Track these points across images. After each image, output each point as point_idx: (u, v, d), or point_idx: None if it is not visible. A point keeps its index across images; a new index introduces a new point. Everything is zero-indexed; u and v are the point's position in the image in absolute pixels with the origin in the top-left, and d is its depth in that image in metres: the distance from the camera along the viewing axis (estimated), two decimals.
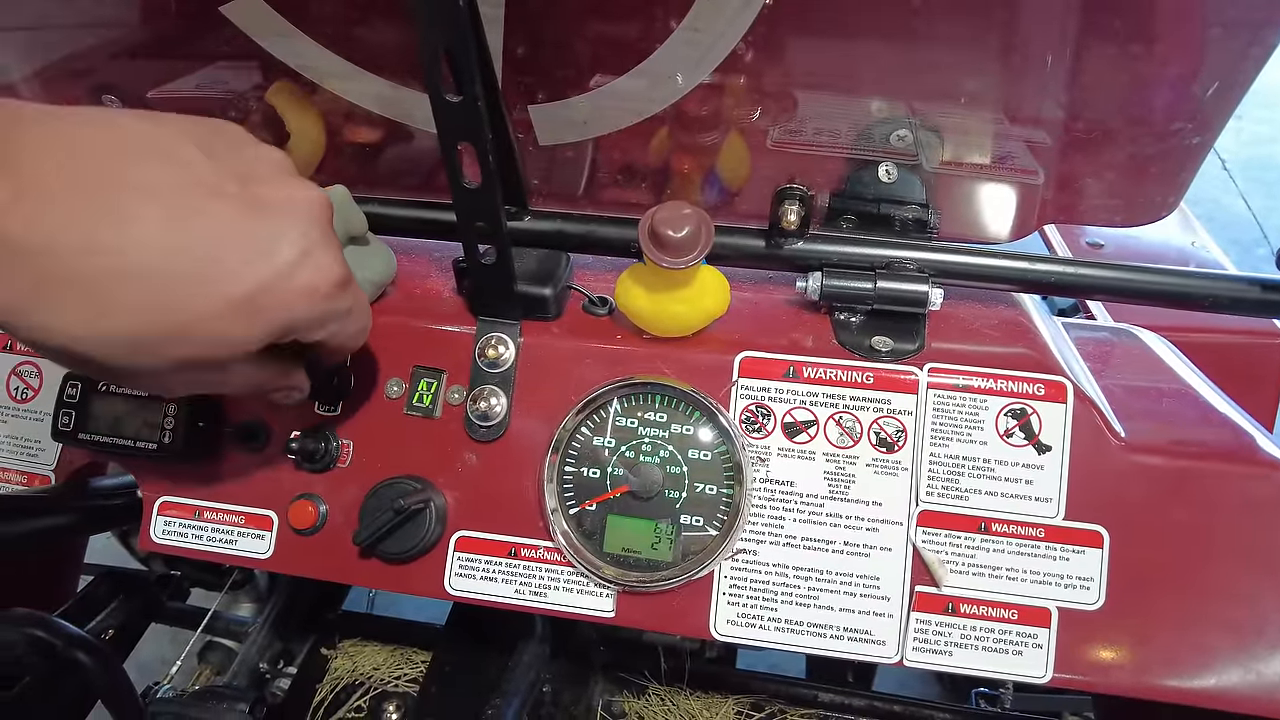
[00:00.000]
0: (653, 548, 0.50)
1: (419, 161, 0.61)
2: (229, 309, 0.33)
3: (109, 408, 0.53)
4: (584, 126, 0.54)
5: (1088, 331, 0.64)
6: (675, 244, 0.46)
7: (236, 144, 0.37)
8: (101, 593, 0.85)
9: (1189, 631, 0.48)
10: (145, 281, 0.31)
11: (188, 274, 0.32)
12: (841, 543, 0.50)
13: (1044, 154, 0.52)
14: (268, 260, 0.34)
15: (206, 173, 0.33)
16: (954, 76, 0.49)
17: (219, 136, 0.36)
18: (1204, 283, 0.53)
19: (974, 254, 0.53)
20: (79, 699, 0.71)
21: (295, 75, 0.56)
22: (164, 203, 0.31)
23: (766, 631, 0.50)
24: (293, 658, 0.84)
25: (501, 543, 0.52)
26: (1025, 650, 0.48)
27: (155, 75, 0.60)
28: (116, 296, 0.31)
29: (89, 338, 0.31)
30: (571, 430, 0.51)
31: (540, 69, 0.51)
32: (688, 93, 0.51)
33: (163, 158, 0.33)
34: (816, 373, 0.51)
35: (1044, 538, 0.49)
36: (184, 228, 0.32)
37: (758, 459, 0.51)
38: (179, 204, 0.32)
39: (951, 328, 0.53)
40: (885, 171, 0.54)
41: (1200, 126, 0.47)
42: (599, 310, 0.56)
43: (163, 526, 0.55)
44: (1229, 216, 3.23)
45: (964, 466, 0.50)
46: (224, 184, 0.34)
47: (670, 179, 0.57)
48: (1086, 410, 0.49)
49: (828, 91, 0.51)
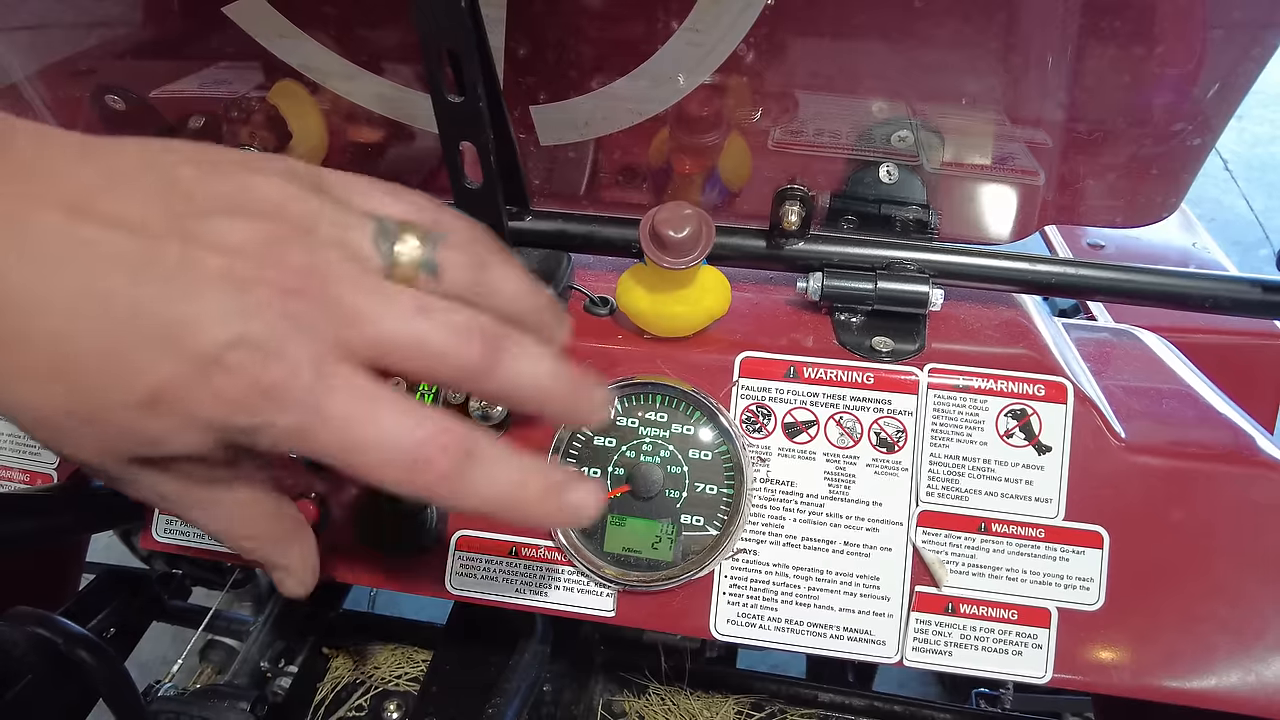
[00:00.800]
0: (653, 547, 0.50)
1: (421, 162, 0.61)
2: (132, 402, 0.27)
3: None
4: (585, 127, 0.55)
5: (1088, 332, 0.65)
6: (676, 244, 0.46)
7: (219, 181, 0.30)
8: (103, 591, 0.86)
9: (1189, 632, 0.48)
10: (47, 354, 0.27)
11: (91, 354, 0.27)
12: (841, 543, 0.50)
13: (1045, 155, 0.52)
14: (172, 349, 0.27)
15: (151, 233, 0.27)
16: (955, 77, 0.49)
17: (212, 170, 0.30)
18: (1204, 284, 0.53)
19: (974, 255, 0.53)
20: (80, 698, 0.71)
21: (297, 75, 0.56)
22: (82, 270, 0.27)
23: (767, 631, 0.50)
24: (294, 657, 0.84)
25: (502, 542, 0.52)
26: (1025, 650, 0.49)
27: (157, 75, 0.60)
28: (16, 365, 0.27)
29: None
30: (572, 430, 0.52)
31: (542, 70, 0.51)
32: (689, 93, 0.51)
33: (113, 212, 0.27)
34: (817, 373, 0.51)
35: (1044, 538, 0.49)
36: (96, 299, 0.27)
37: (758, 459, 0.51)
38: (98, 273, 0.27)
39: (952, 328, 0.54)
40: (886, 172, 0.54)
41: (1201, 127, 0.48)
42: (600, 310, 0.56)
43: (165, 525, 0.56)
44: (1230, 217, 3.23)
45: (964, 467, 0.50)
46: (163, 248, 0.27)
47: (671, 179, 0.57)
48: (1087, 411, 0.50)
49: (829, 92, 0.51)
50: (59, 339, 0.26)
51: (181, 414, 0.28)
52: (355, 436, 0.29)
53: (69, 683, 0.69)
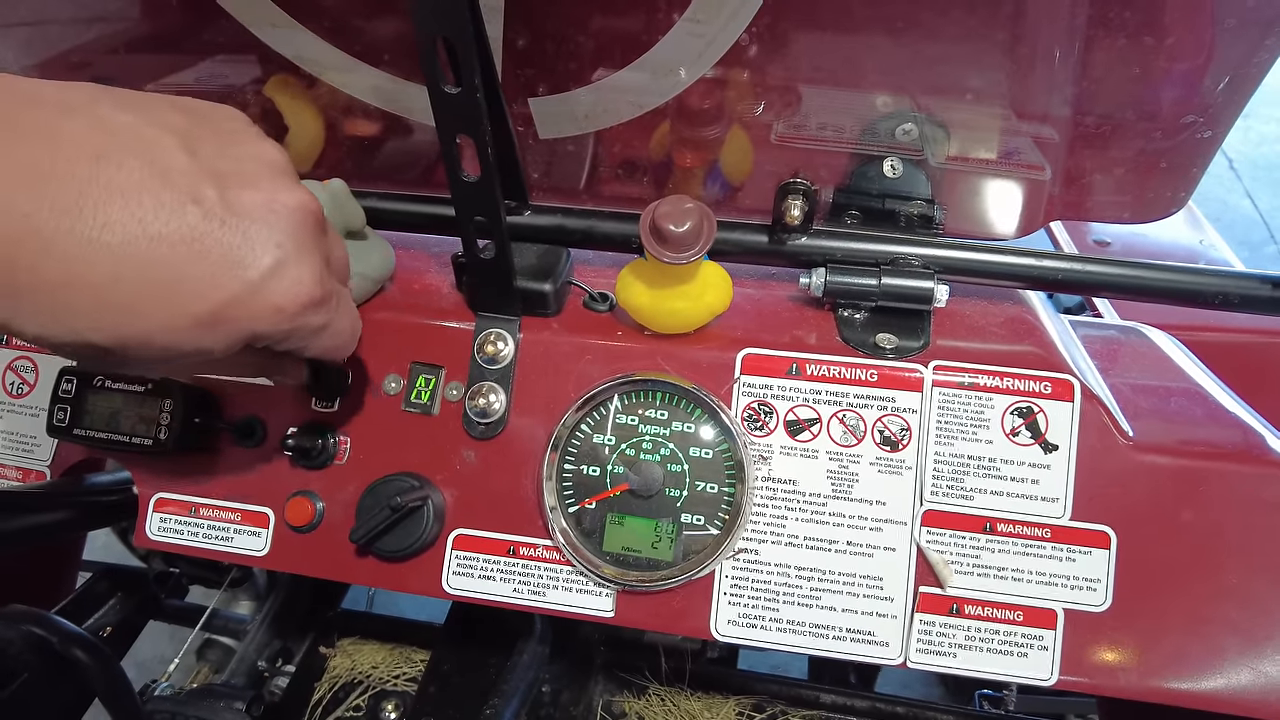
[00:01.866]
0: (653, 547, 0.50)
1: (419, 155, 0.60)
2: (191, 323, 0.32)
3: (104, 403, 0.53)
4: (585, 120, 0.54)
5: (1095, 329, 0.64)
6: (677, 239, 0.45)
7: (227, 137, 0.35)
8: (100, 590, 0.85)
9: (1196, 634, 0.47)
10: (105, 291, 0.30)
11: (149, 285, 0.31)
12: (844, 542, 0.49)
13: (1051, 149, 0.51)
14: (233, 275, 0.32)
15: (183, 175, 0.32)
16: (960, 70, 0.48)
17: (208, 127, 0.34)
18: (1213, 280, 0.52)
19: (980, 250, 0.53)
20: (77, 697, 0.71)
21: (293, 68, 0.55)
22: (132, 211, 0.30)
23: (768, 632, 0.49)
24: (291, 656, 0.84)
25: (500, 541, 0.51)
26: (1030, 652, 0.48)
27: (153, 69, 0.59)
28: (75, 303, 0.30)
29: (50, 337, 0.31)
30: (571, 427, 0.51)
31: (541, 61, 0.51)
32: (690, 86, 0.50)
33: (140, 158, 0.31)
34: (820, 370, 0.51)
35: (1050, 538, 0.48)
36: (149, 237, 0.30)
37: (760, 457, 0.50)
38: (147, 212, 0.30)
39: (957, 325, 0.53)
40: (890, 166, 0.53)
41: (1212, 120, 0.47)
42: (599, 306, 0.55)
43: (159, 523, 0.55)
44: (1236, 216, 3.22)
45: (969, 465, 0.49)
46: (200, 187, 0.32)
47: (672, 173, 0.57)
48: (1094, 409, 0.49)
49: (832, 85, 0.50)
50: (111, 281, 0.30)
51: (237, 327, 0.33)
52: (346, 328, 0.40)
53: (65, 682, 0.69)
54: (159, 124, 0.32)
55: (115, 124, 0.31)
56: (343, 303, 0.40)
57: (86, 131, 0.30)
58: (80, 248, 0.29)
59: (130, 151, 0.30)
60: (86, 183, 0.29)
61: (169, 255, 0.31)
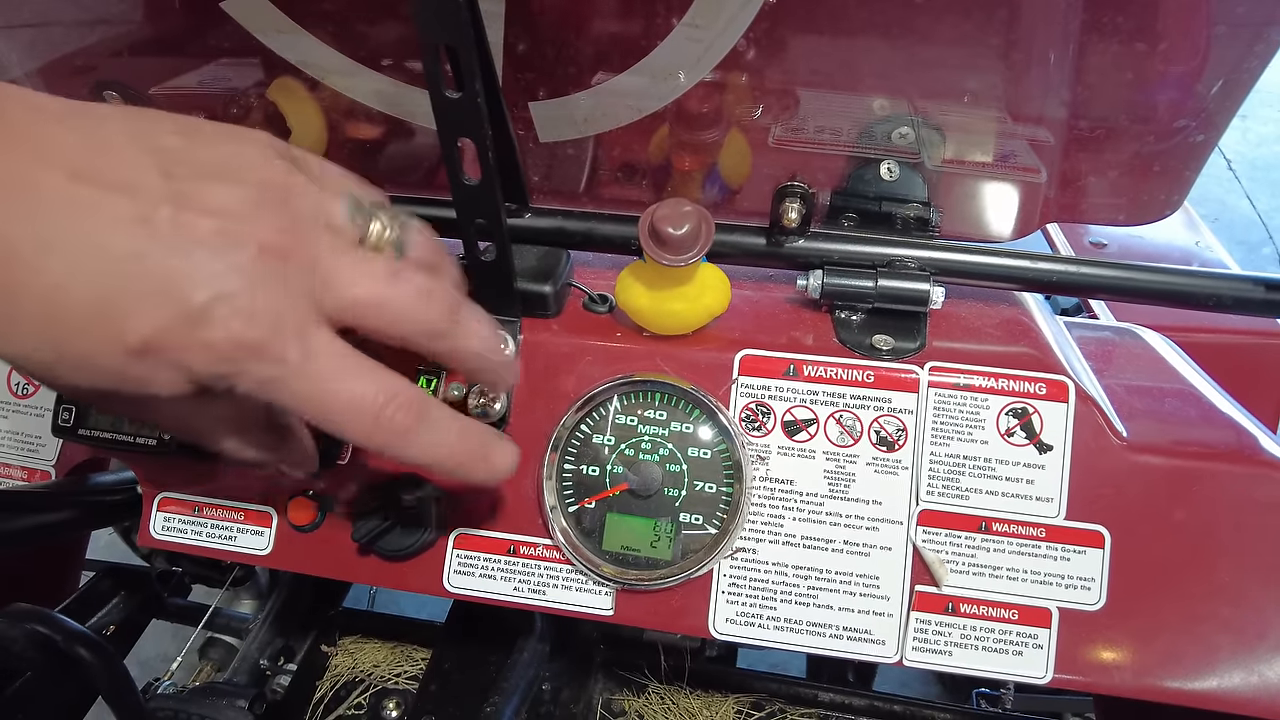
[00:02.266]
0: (652, 546, 0.50)
1: (420, 158, 0.60)
2: (124, 349, 0.30)
3: None
4: (584, 124, 0.54)
5: (1090, 331, 0.64)
6: (675, 241, 0.46)
7: (220, 165, 0.32)
8: (103, 589, 0.86)
9: (1191, 632, 0.47)
10: (50, 301, 0.29)
11: (90, 302, 0.29)
12: (841, 542, 0.50)
13: (1046, 152, 0.52)
14: (166, 301, 0.29)
15: (147, 195, 0.30)
16: (957, 74, 0.48)
17: (205, 151, 0.32)
18: (1208, 282, 0.52)
19: (976, 252, 0.53)
20: (80, 695, 0.71)
21: (296, 72, 0.56)
22: (88, 223, 0.29)
23: (766, 630, 0.50)
24: (293, 654, 0.84)
25: (500, 540, 0.52)
26: (1025, 650, 0.48)
27: (157, 72, 0.60)
28: (21, 310, 0.28)
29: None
30: (571, 428, 0.51)
31: (541, 66, 0.51)
32: (689, 90, 0.51)
33: (114, 175, 0.30)
34: (817, 371, 0.51)
35: (1045, 538, 0.49)
36: (98, 251, 0.29)
37: (757, 457, 0.51)
38: (102, 225, 0.29)
39: (953, 326, 0.53)
40: (887, 169, 0.54)
41: (1205, 124, 0.47)
42: (599, 308, 0.55)
43: (162, 523, 0.55)
44: (1234, 217, 3.22)
45: (965, 466, 0.49)
46: (156, 208, 0.30)
47: (671, 176, 0.57)
48: (1088, 410, 0.49)
49: (829, 89, 0.51)
50: (56, 291, 0.28)
51: (167, 361, 0.30)
52: (329, 391, 0.33)
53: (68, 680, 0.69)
54: (148, 145, 0.31)
55: (105, 140, 0.30)
56: (340, 374, 0.33)
57: (73, 144, 0.29)
58: (34, 254, 0.28)
59: (107, 168, 0.30)
60: (54, 193, 0.28)
61: (111, 272, 0.29)
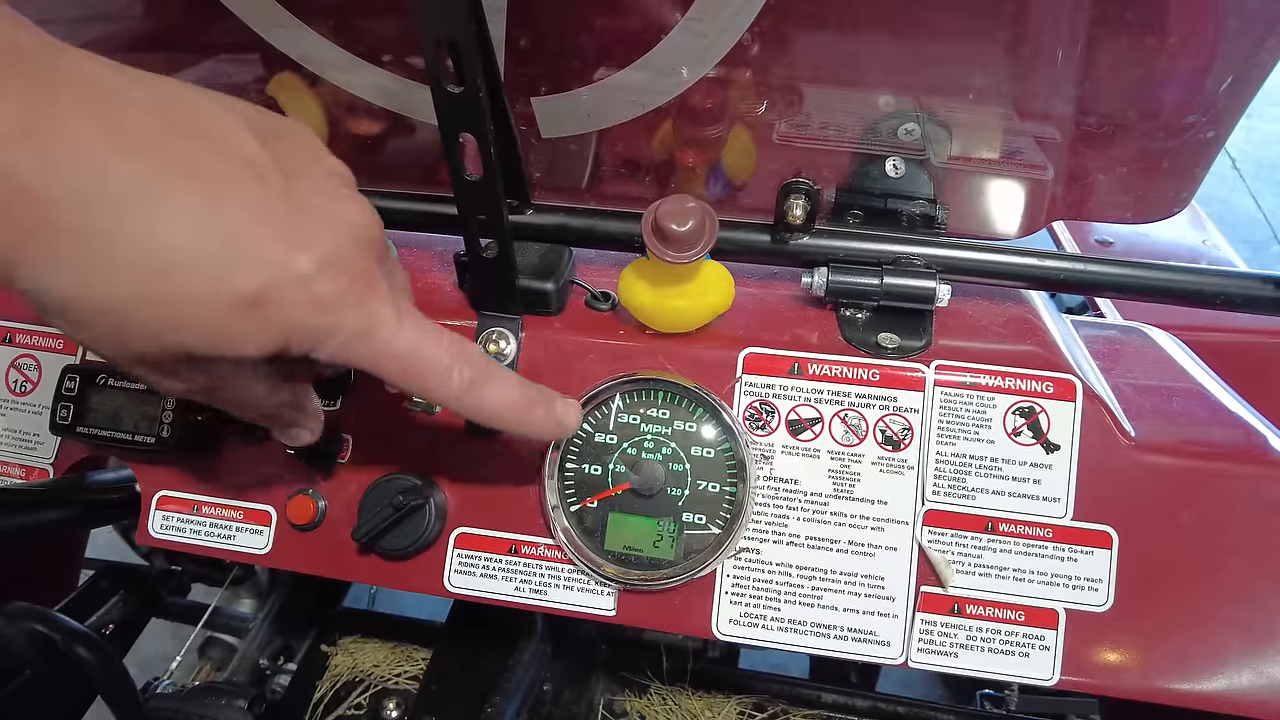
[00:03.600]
0: (654, 546, 0.50)
1: (422, 154, 0.60)
2: (231, 301, 0.30)
3: (107, 401, 0.53)
4: (587, 119, 0.54)
5: (1097, 330, 0.64)
6: (679, 238, 0.45)
7: (297, 145, 0.35)
8: (102, 588, 0.85)
9: (1199, 634, 0.47)
10: (150, 252, 0.29)
11: (198, 254, 0.29)
12: (846, 542, 0.49)
13: (1053, 149, 0.51)
14: (285, 259, 0.31)
15: (254, 159, 0.31)
16: (963, 70, 0.48)
17: (278, 129, 0.34)
18: (1215, 280, 0.52)
19: (982, 250, 0.53)
20: (78, 694, 0.71)
21: (296, 67, 0.55)
22: (198, 183, 0.29)
23: (769, 631, 0.49)
24: (293, 654, 0.84)
25: (501, 540, 0.51)
26: (1032, 652, 0.48)
27: (157, 67, 0.59)
28: (117, 259, 0.28)
29: (80, 299, 0.29)
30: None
31: (543, 61, 0.51)
32: (692, 85, 0.50)
33: (212, 138, 0.31)
34: (822, 369, 0.51)
35: (1052, 538, 0.48)
36: (209, 206, 0.29)
37: (761, 456, 0.50)
38: (213, 185, 0.30)
39: (959, 325, 0.53)
40: (893, 166, 0.53)
41: (1213, 121, 0.47)
42: (601, 305, 0.55)
43: (161, 521, 0.55)
44: (1239, 216, 3.21)
45: (971, 465, 0.49)
46: (268, 174, 0.31)
47: (675, 173, 0.57)
48: (1096, 409, 0.49)
49: (834, 85, 0.50)
50: (165, 240, 0.29)
51: (273, 315, 0.32)
52: (414, 349, 0.37)
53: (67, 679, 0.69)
54: (232, 114, 0.32)
55: (187, 104, 0.31)
56: (404, 324, 0.37)
57: (157, 104, 0.30)
58: (142, 203, 0.28)
59: (202, 132, 0.30)
60: (152, 150, 0.29)
61: (227, 225, 0.30)
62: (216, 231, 0.30)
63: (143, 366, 0.34)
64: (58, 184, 0.27)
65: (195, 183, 0.29)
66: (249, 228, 0.30)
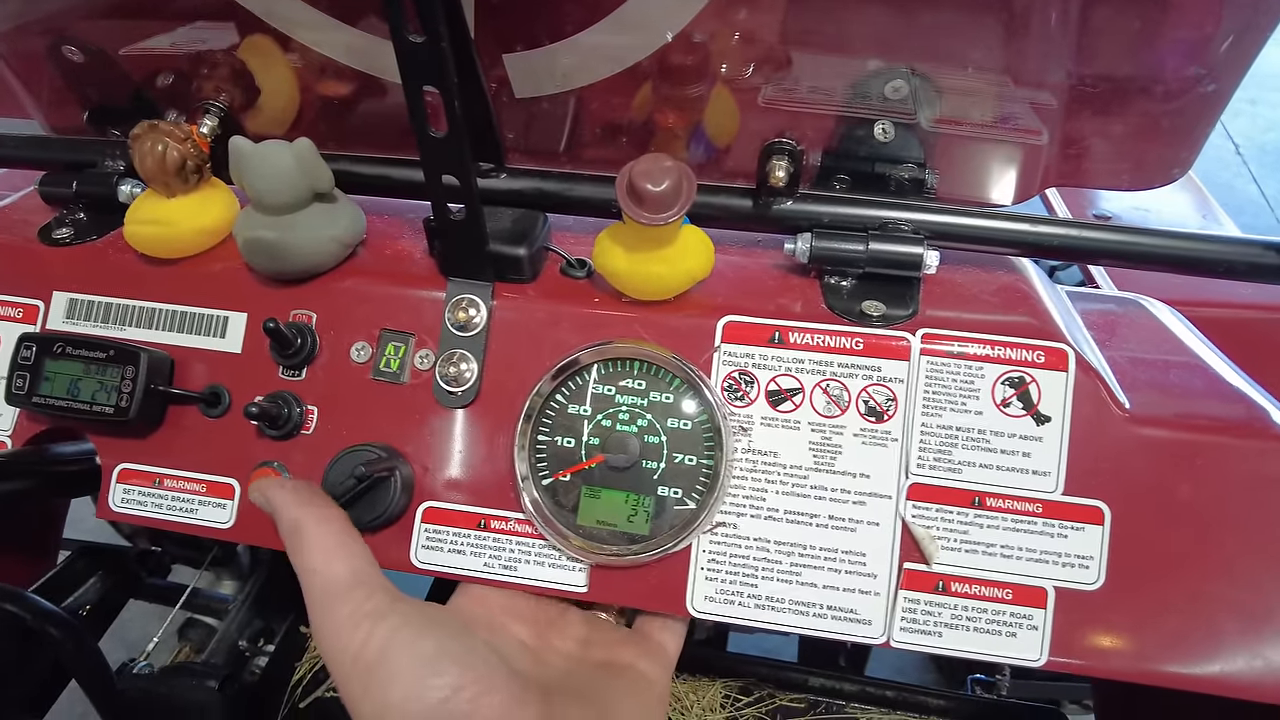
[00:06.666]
0: (628, 520, 0.48)
1: (393, 119, 0.58)
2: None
3: (64, 370, 0.51)
4: (563, 78, 0.52)
5: (1093, 301, 0.61)
6: (654, 198, 0.43)
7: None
8: (79, 568, 0.84)
9: (1193, 614, 0.45)
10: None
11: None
12: (826, 516, 0.47)
13: (1048, 111, 0.49)
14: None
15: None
16: (953, 29, 0.46)
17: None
18: (1219, 247, 0.50)
19: (972, 215, 0.51)
20: (51, 675, 0.70)
21: (267, 29, 0.53)
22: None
23: (746, 609, 0.47)
24: (273, 636, 0.83)
25: (471, 514, 0.50)
26: (1019, 632, 0.46)
27: (130, 34, 0.57)
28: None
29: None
30: (545, 397, 0.49)
31: (515, 14, 0.48)
32: (672, 40, 0.48)
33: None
34: (803, 338, 0.49)
35: (1041, 513, 0.46)
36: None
37: (739, 428, 0.48)
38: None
39: (947, 293, 0.51)
40: (881, 130, 0.51)
41: (1215, 75, 0.44)
42: (577, 273, 0.53)
43: (122, 494, 0.53)
44: (1242, 201, 3.18)
45: (957, 437, 0.47)
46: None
47: (655, 135, 0.54)
48: (1089, 380, 0.47)
49: (819, 40, 0.48)
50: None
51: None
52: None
53: (38, 659, 0.68)
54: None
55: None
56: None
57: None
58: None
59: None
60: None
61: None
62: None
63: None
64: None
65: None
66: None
